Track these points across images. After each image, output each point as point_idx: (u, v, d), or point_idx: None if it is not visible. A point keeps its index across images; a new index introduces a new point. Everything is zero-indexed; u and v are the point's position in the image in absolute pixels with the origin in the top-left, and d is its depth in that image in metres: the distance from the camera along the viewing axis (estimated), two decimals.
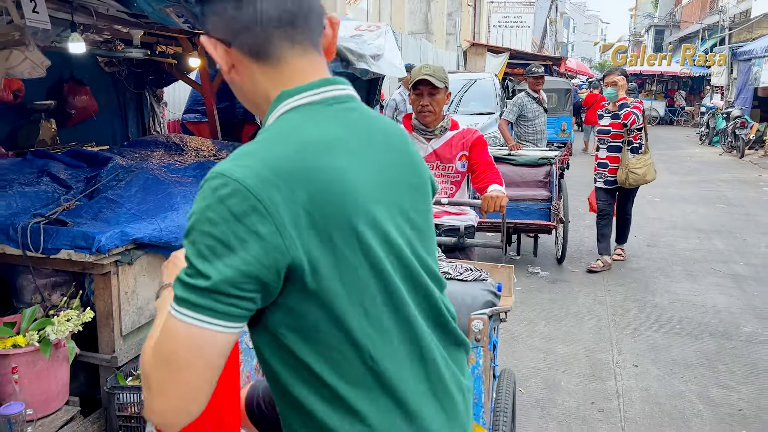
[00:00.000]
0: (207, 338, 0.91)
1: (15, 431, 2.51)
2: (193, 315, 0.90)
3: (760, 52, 16.25)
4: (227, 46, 1.04)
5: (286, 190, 0.92)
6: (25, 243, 2.69)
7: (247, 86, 1.07)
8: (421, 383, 1.07)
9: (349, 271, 0.97)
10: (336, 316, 0.97)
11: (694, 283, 5.46)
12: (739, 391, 3.52)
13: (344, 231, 0.96)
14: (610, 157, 5.68)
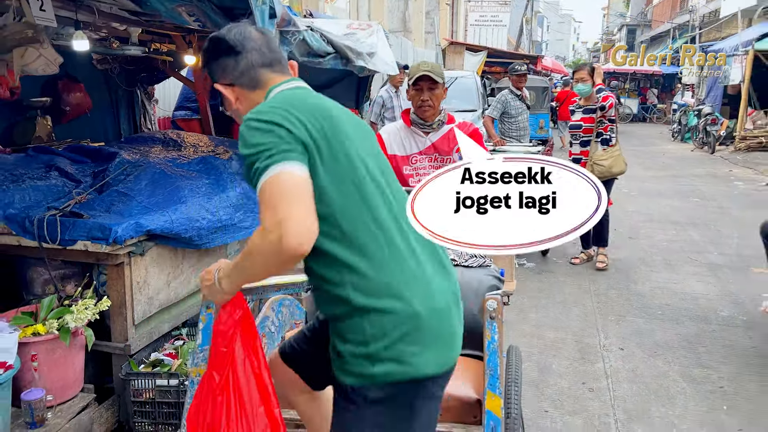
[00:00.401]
0: (292, 171, 1.34)
1: (36, 416, 2.59)
2: (275, 166, 1.34)
3: (729, 50, 16.74)
4: (232, 87, 1.60)
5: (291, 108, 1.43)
6: (42, 235, 2.77)
7: (246, 108, 1.57)
8: (410, 240, 1.52)
9: (343, 154, 1.46)
10: (345, 180, 1.44)
11: (672, 272, 5.70)
12: (719, 371, 3.73)
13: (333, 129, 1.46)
14: (584, 152, 5.68)
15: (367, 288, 1.40)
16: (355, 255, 1.41)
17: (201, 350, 1.86)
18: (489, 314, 1.81)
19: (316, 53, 3.21)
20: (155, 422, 2.91)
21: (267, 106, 1.45)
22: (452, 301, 1.55)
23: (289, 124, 1.39)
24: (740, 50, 15.61)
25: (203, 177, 3.56)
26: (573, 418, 3.19)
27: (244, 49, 1.58)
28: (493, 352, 1.76)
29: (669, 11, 31.69)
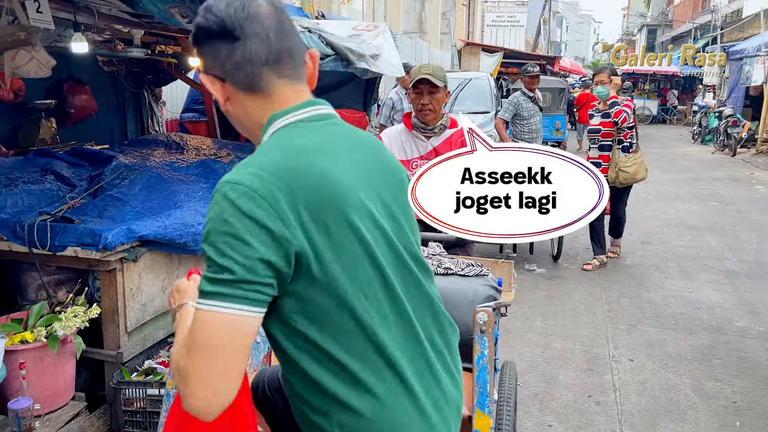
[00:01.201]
0: (237, 323, 1.02)
1: (23, 426, 2.54)
2: (223, 305, 1.01)
3: (752, 51, 16.38)
4: (222, 82, 1.18)
5: (286, 188, 1.06)
6: (32, 240, 2.73)
7: (241, 115, 1.22)
8: (418, 360, 1.19)
9: (346, 256, 1.10)
10: (339, 297, 1.10)
11: (687, 279, 5.54)
12: (733, 385, 3.59)
13: (338, 220, 1.09)
14: (602, 156, 5.65)
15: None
16: (347, 388, 1.12)
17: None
18: (479, 327, 1.72)
19: None
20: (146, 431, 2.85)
21: (256, 174, 1.05)
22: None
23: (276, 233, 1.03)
24: (763, 51, 15.26)
25: (201, 181, 3.51)
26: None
27: (243, 33, 1.13)
28: (483, 368, 1.67)
29: (690, 11, 31.20)
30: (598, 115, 5.72)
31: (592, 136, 5.79)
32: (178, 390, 1.08)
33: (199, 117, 6.24)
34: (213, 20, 1.14)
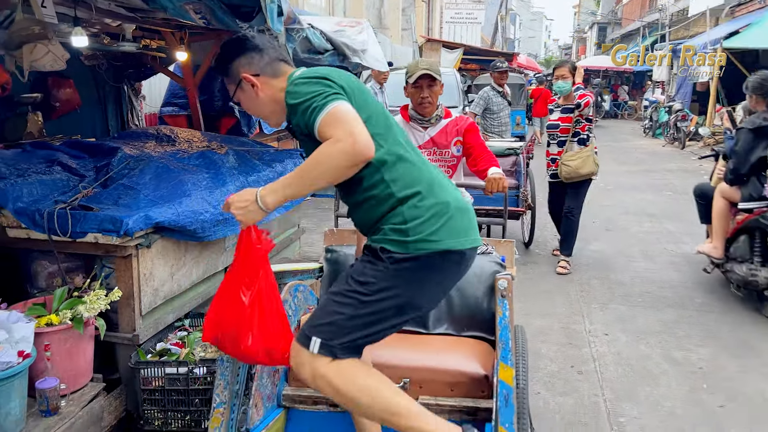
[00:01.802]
0: (344, 105, 1.69)
1: (51, 405, 2.65)
2: (335, 101, 1.68)
3: (698, 48, 17.17)
4: (258, 76, 1.88)
5: (332, 73, 1.81)
6: (52, 227, 2.82)
7: (269, 95, 1.90)
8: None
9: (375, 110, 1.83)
10: (373, 119, 1.79)
11: (650, 261, 5.92)
12: (698, 353, 3.93)
13: (361, 92, 1.83)
14: (560, 152, 5.54)
15: (409, 183, 1.77)
16: (396, 161, 1.78)
17: None
18: (500, 293, 1.94)
19: (316, 50, 3.31)
20: (165, 410, 2.99)
21: (310, 71, 1.81)
22: (469, 205, 1.91)
23: (332, 77, 1.76)
24: (709, 48, 16.04)
25: (203, 171, 3.63)
26: (565, 399, 3.35)
27: (264, 47, 1.94)
28: (505, 327, 1.90)
29: (639, 10, 32.32)
30: (557, 110, 5.61)
31: (552, 131, 5.68)
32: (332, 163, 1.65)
33: (178, 111, 6.29)
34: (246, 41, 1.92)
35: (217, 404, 1.89)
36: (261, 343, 1.74)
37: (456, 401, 2.11)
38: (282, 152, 4.84)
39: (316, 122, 1.66)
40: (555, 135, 5.65)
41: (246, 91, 1.91)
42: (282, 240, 4.81)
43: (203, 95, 5.98)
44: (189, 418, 2.99)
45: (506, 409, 1.77)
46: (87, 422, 2.80)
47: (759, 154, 4.44)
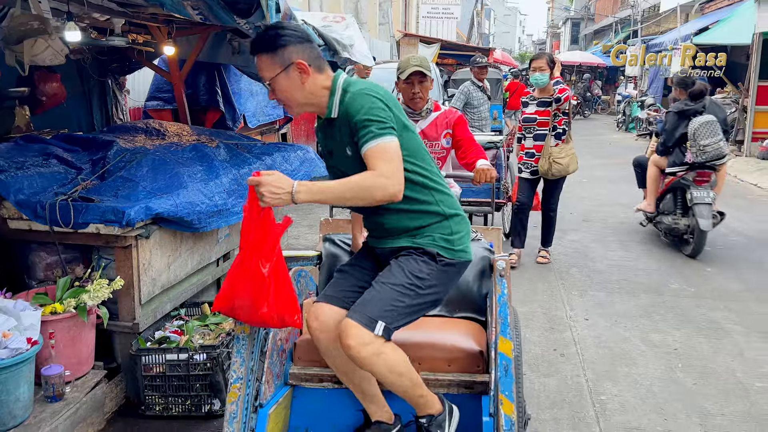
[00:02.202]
0: (395, 143, 1.93)
1: (56, 391, 2.73)
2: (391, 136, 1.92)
3: (670, 44, 17.59)
4: (309, 67, 1.99)
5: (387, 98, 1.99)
6: (54, 219, 2.89)
7: (310, 86, 2.01)
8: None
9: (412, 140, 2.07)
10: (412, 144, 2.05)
11: (626, 250, 6.14)
12: (673, 335, 4.13)
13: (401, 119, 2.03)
14: (537, 146, 5.43)
15: (451, 204, 2.13)
16: (437, 184, 2.10)
17: None
18: (499, 273, 2.08)
19: None
20: (165, 395, 3.07)
21: (373, 87, 1.99)
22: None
23: (391, 107, 1.97)
24: (679, 44, 16.43)
25: (197, 163, 3.71)
26: (549, 380, 3.51)
27: (312, 41, 2.07)
28: (504, 304, 2.03)
29: (611, 5, 32.84)
30: (533, 103, 5.46)
31: (528, 125, 5.48)
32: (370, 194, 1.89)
33: (163, 105, 6.31)
34: (301, 33, 2.03)
35: (234, 380, 2.00)
36: (275, 309, 1.92)
37: (454, 376, 2.25)
38: (270, 146, 4.92)
39: (367, 145, 1.90)
40: (532, 129, 5.48)
41: (292, 77, 1.98)
42: None
43: (188, 89, 6.02)
44: (189, 402, 3.09)
45: (506, 379, 1.90)
46: (90, 408, 2.88)
47: (681, 131, 5.80)
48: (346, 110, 1.97)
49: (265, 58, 1.98)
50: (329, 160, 2.17)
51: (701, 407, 3.23)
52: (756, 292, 4.93)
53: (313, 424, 2.37)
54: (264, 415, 2.10)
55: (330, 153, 2.13)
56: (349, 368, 2.10)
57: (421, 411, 2.07)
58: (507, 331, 1.97)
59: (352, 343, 1.88)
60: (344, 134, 2.00)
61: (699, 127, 5.62)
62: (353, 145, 1.97)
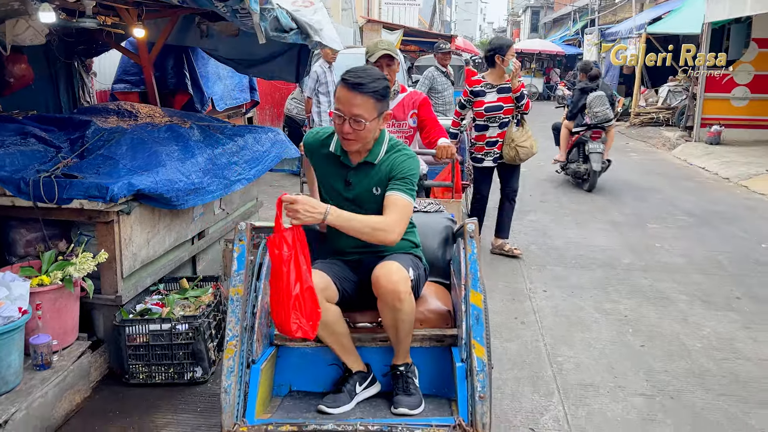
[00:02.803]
0: (412, 206, 2.39)
1: (44, 360, 2.85)
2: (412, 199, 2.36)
3: (625, 33, 18.13)
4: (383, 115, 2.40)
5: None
6: (38, 195, 2.98)
7: (374, 131, 2.39)
8: None
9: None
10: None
11: (582, 229, 6.47)
12: (624, 304, 4.45)
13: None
14: (501, 134, 5.33)
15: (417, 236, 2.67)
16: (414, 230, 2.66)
17: (237, 274, 2.22)
18: (469, 234, 2.28)
19: (283, 29, 3.53)
20: (149, 364, 3.21)
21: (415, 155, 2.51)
22: None
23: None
24: (634, 33, 16.96)
25: (173, 143, 3.81)
26: (510, 344, 3.77)
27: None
28: (474, 261, 2.24)
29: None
30: (492, 91, 5.29)
31: (494, 113, 5.29)
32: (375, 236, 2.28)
33: (131, 88, 6.33)
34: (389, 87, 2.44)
35: (230, 338, 2.16)
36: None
37: (426, 332, 2.47)
38: (241, 127, 5.04)
39: (395, 193, 2.34)
40: (497, 117, 5.32)
41: (379, 122, 2.39)
42: (242, 212, 5.03)
43: (157, 72, 6.04)
44: (172, 370, 3.23)
45: (478, 327, 2.12)
46: (77, 376, 3.01)
47: (582, 102, 8.31)
48: (392, 162, 2.40)
49: (371, 102, 2.30)
50: (347, 191, 2.49)
51: (648, 366, 3.53)
52: (700, 265, 5.31)
53: (295, 380, 2.56)
54: (256, 370, 2.29)
55: (349, 183, 2.48)
56: (336, 324, 2.31)
57: (401, 359, 2.34)
58: (477, 285, 2.19)
59: (396, 278, 2.23)
60: (381, 177, 2.41)
61: (593, 99, 8.11)
62: (384, 188, 2.39)
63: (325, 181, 2.55)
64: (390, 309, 2.29)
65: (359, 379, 2.44)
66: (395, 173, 2.38)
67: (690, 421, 2.98)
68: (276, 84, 10.89)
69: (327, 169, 2.52)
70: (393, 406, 2.35)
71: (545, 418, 3.00)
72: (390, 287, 2.23)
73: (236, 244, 2.28)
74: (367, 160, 2.43)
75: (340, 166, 2.48)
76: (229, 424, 2.11)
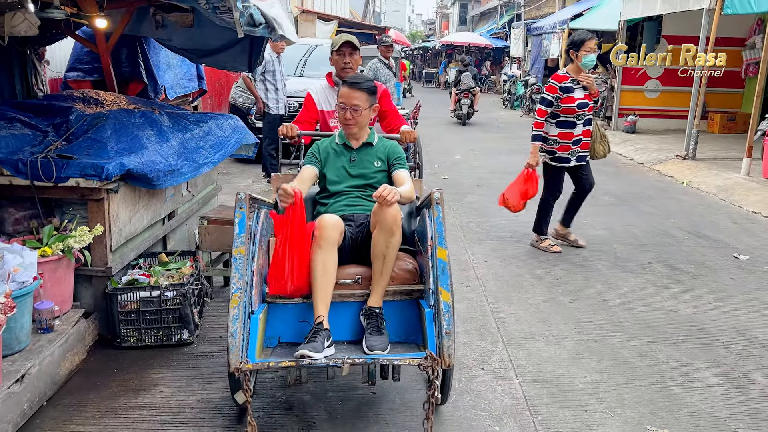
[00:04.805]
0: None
1: (48, 324, 3.14)
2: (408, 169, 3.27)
3: (549, 28, 19.15)
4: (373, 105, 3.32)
5: None
6: (36, 174, 3.23)
7: (368, 120, 3.28)
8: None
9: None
10: None
11: None
12: (555, 270, 5.07)
13: None
14: (585, 132, 5.26)
15: None
16: None
17: (239, 236, 2.60)
18: (436, 201, 2.74)
19: (254, 23, 3.87)
20: (139, 328, 3.53)
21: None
22: None
23: None
24: (558, 28, 17.98)
25: (149, 128, 4.10)
26: (459, 305, 4.29)
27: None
28: (440, 224, 2.69)
29: None
30: (578, 87, 5.10)
31: (582, 111, 5.13)
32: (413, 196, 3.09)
33: (84, 76, 6.43)
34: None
35: (234, 290, 2.54)
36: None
37: (397, 287, 2.93)
38: (203, 114, 5.33)
39: (401, 169, 3.22)
40: (583, 114, 5.16)
41: (370, 111, 3.28)
42: (204, 195, 5.33)
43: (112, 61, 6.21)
44: (161, 334, 3.56)
45: (444, 276, 2.59)
46: (76, 339, 3.30)
47: (458, 78, 16.54)
48: (388, 147, 3.31)
49: (365, 95, 3.19)
50: (351, 167, 3.25)
51: (576, 318, 4.14)
52: (619, 237, 6.03)
53: (284, 333, 2.96)
54: (255, 319, 2.68)
55: (353, 160, 3.26)
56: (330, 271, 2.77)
57: (376, 302, 2.81)
58: (443, 242, 2.66)
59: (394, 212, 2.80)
60: (380, 156, 3.26)
61: (463, 77, 15.89)
62: (384, 163, 3.26)
63: (333, 166, 3.27)
64: (386, 234, 2.80)
65: (326, 335, 2.71)
66: (394, 156, 3.26)
67: (611, 358, 3.58)
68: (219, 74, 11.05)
69: (334, 157, 3.29)
70: (367, 347, 2.75)
71: (493, 359, 3.53)
72: (390, 216, 2.77)
73: (237, 211, 2.64)
74: (367, 141, 3.31)
75: (344, 151, 3.29)
76: (236, 362, 2.50)
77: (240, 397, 2.56)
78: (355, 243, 3.02)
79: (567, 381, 3.31)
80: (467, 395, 3.14)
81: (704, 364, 3.53)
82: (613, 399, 3.14)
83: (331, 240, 2.80)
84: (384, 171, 3.29)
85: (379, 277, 2.86)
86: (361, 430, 2.82)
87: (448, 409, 3.00)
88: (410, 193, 3.03)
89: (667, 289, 4.71)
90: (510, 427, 2.88)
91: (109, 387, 3.14)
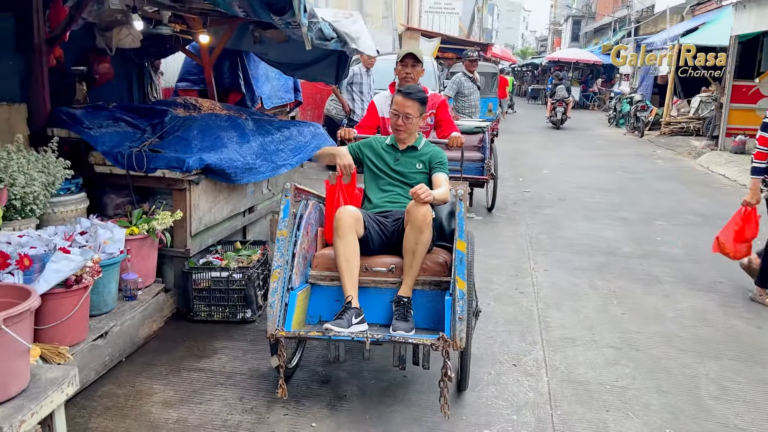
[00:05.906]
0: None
1: (132, 293, 3.65)
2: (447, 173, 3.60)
3: (660, 44, 18.44)
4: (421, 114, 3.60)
5: None
6: (131, 164, 3.80)
7: (417, 128, 3.58)
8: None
9: None
10: None
11: (592, 223, 7.06)
12: (615, 283, 5.06)
13: None
14: None
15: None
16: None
17: (283, 220, 2.97)
18: (459, 197, 2.98)
19: (325, 38, 4.28)
20: (209, 305, 4.00)
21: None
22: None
23: None
24: (669, 44, 17.30)
25: (232, 130, 4.61)
26: (507, 308, 4.43)
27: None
28: (461, 218, 2.93)
29: (611, 4, 33.63)
30: None
31: None
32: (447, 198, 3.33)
33: (192, 86, 7.21)
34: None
35: (275, 267, 2.91)
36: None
37: (428, 278, 3.18)
38: (287, 122, 5.83)
39: (441, 173, 3.49)
40: None
41: (420, 119, 3.56)
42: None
43: (215, 72, 6.91)
44: (228, 311, 4.01)
45: (461, 266, 2.82)
46: (155, 309, 3.81)
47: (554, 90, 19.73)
48: (432, 152, 3.56)
49: (416, 105, 3.49)
50: (396, 165, 3.54)
51: (623, 328, 4.15)
52: (692, 255, 5.86)
53: (324, 313, 3.29)
54: (294, 295, 3.03)
55: (398, 160, 3.55)
56: (353, 255, 3.05)
57: (406, 292, 3.04)
58: (462, 235, 2.89)
59: (425, 211, 3.06)
60: (422, 159, 3.54)
61: (558, 88, 19.39)
62: (426, 165, 3.53)
63: (378, 162, 3.58)
64: (416, 231, 3.05)
65: (355, 313, 3.03)
66: (435, 160, 3.53)
67: (648, 366, 3.60)
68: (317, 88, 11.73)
69: (380, 155, 3.59)
70: (392, 329, 3.02)
71: (527, 358, 3.66)
72: (421, 215, 3.03)
73: (282, 198, 3.02)
74: (413, 145, 3.58)
75: (391, 151, 3.59)
76: (272, 328, 2.85)
77: (274, 361, 2.91)
78: (392, 236, 3.29)
79: (596, 383, 3.38)
80: (493, 386, 3.31)
81: (748, 381, 3.47)
82: (640, 403, 3.18)
83: (347, 227, 3.09)
84: (425, 173, 3.54)
85: (409, 269, 3.12)
86: (387, 405, 3.08)
87: (471, 395, 3.19)
88: (444, 196, 3.25)
89: (733, 308, 4.58)
90: (527, 417, 3.03)
91: (177, 352, 3.61)
